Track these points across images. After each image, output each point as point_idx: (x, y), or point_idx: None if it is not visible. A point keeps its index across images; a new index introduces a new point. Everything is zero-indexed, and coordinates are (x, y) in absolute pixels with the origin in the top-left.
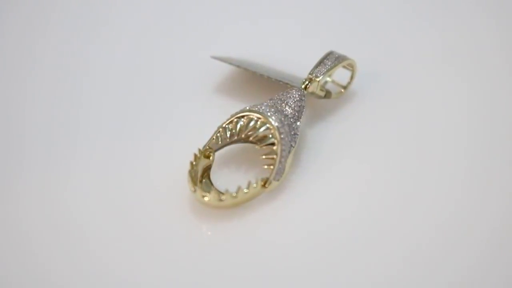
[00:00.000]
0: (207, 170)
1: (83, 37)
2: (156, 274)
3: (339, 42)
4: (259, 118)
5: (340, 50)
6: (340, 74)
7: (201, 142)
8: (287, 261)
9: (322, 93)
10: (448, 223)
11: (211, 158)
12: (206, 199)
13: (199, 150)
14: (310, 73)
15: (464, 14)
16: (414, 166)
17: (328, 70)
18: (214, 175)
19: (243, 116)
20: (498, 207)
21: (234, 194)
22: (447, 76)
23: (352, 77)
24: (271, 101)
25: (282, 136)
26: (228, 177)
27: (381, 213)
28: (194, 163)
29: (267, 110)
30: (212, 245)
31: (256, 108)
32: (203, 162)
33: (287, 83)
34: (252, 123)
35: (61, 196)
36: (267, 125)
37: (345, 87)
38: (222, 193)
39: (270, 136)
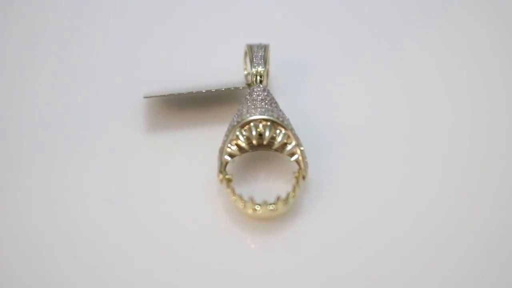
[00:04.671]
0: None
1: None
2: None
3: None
4: (260, 122)
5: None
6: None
7: None
8: (344, 267)
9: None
10: (446, 220)
11: (231, 181)
12: (271, 208)
13: (221, 178)
14: (254, 68)
15: None
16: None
17: (266, 60)
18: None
19: (242, 127)
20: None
21: (290, 197)
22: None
23: (268, 63)
24: (250, 103)
25: (289, 127)
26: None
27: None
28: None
29: (263, 111)
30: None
31: (247, 115)
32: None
33: (237, 87)
34: (254, 130)
35: (61, 196)
36: (268, 123)
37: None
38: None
39: (278, 132)
